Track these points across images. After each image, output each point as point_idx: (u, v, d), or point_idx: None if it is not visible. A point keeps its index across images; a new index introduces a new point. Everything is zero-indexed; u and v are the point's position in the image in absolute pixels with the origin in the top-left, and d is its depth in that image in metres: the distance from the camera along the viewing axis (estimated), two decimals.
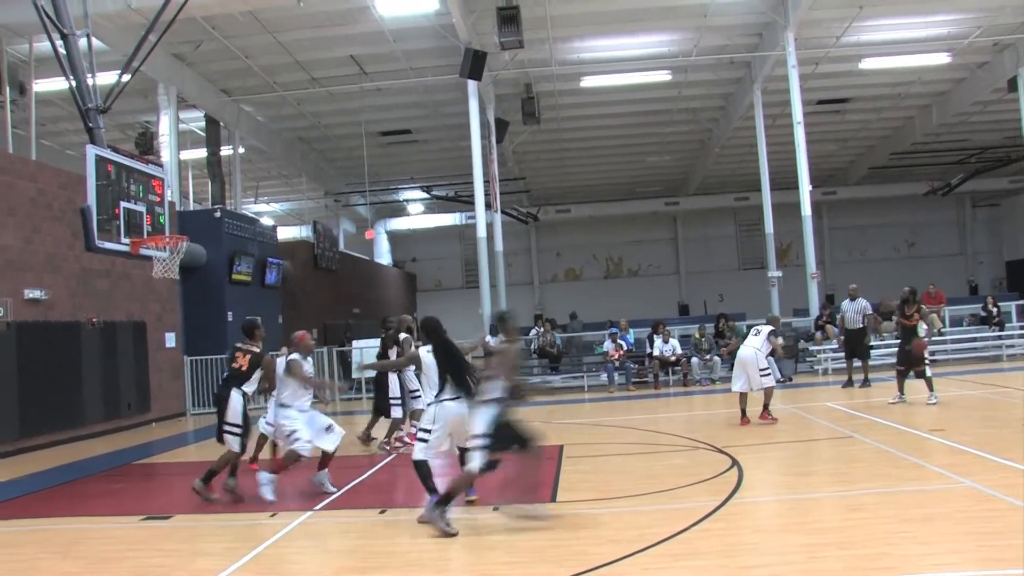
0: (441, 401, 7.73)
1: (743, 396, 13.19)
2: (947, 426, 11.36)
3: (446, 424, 7.69)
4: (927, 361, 14.29)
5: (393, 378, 12.33)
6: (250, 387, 9.20)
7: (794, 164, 22.29)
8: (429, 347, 8.16)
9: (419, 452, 7.77)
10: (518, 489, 7.37)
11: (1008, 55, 25.03)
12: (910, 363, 14.19)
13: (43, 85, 20.37)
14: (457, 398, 7.66)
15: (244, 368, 9.16)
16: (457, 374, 7.75)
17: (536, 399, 19.17)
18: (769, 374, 13.43)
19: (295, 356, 9.37)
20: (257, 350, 9.24)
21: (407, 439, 11.96)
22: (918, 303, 14.85)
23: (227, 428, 9.04)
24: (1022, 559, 5.60)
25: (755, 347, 13.31)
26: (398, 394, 12.33)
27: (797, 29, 21.36)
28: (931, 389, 13.91)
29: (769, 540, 6.52)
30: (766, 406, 13.13)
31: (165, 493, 10.96)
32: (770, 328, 13.63)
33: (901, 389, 14.28)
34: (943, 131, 32.45)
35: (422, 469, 7.74)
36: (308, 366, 9.54)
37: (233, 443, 9.04)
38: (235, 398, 9.02)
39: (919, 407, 13.77)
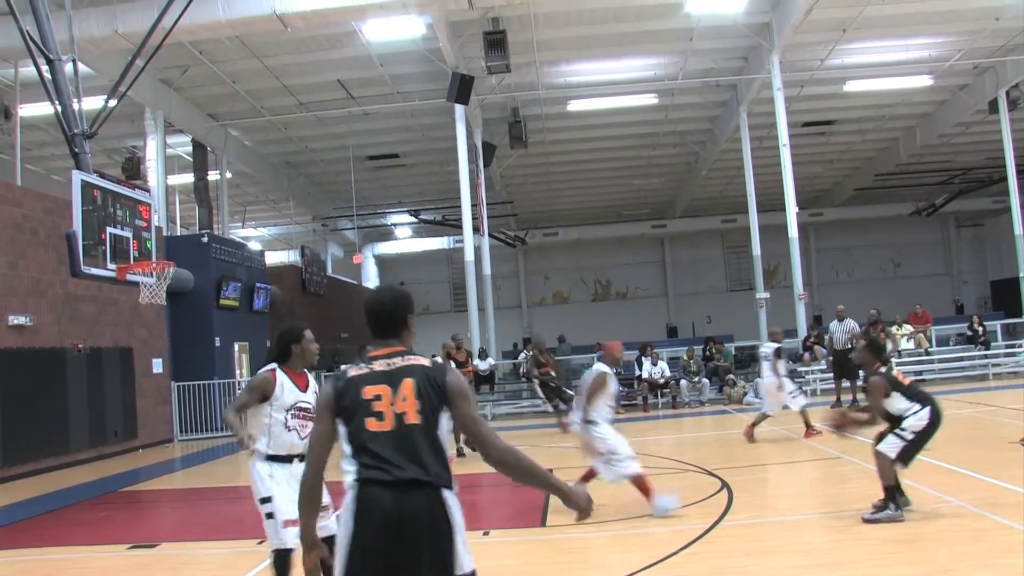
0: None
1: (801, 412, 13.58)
2: (934, 445, 11.33)
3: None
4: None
5: None
6: None
7: (780, 186, 22.40)
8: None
9: None
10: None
11: (988, 77, 25.32)
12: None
13: (28, 110, 20.35)
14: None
15: None
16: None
17: (527, 422, 19.08)
18: (797, 395, 13.78)
19: (602, 368, 8.65)
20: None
21: None
22: (882, 323, 15.21)
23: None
24: None
25: (767, 373, 13.87)
26: None
27: (782, 52, 21.52)
28: None
29: (759, 563, 6.49)
30: (807, 424, 13.42)
31: (151, 521, 10.86)
32: (774, 347, 13.93)
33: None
34: (927, 152, 32.70)
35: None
36: (614, 382, 8.60)
37: None
38: None
39: None
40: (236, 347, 23.25)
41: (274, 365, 5.45)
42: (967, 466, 9.40)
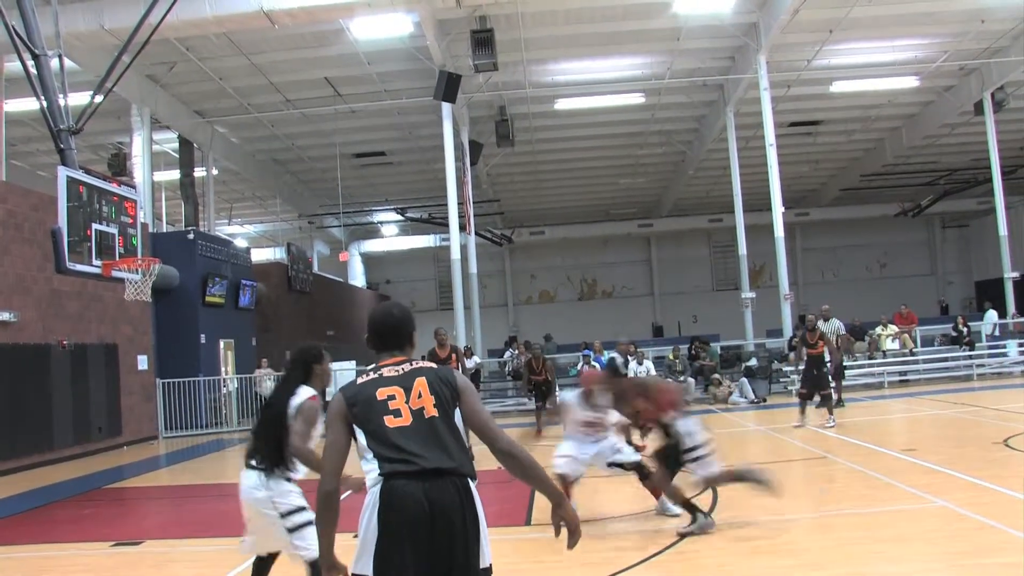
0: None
1: None
2: (919, 445, 11.44)
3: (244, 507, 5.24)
4: (831, 386, 14.77)
5: None
6: None
7: (767, 186, 22.48)
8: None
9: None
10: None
11: (974, 79, 25.48)
12: (813, 388, 14.47)
13: (13, 105, 20.20)
14: (258, 467, 5.11)
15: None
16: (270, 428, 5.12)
17: (512, 420, 19.09)
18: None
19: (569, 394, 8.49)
20: None
21: None
22: (820, 330, 15.03)
23: None
24: None
25: None
26: None
27: (769, 52, 21.60)
28: (831, 414, 14.26)
29: (743, 562, 6.50)
30: None
31: (136, 518, 10.81)
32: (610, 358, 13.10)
33: (803, 413, 14.48)
34: (912, 153, 32.88)
35: None
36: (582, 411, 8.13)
37: None
38: None
39: (893, 427, 13.86)
40: (221, 344, 23.18)
41: (312, 390, 5.14)
42: (950, 466, 9.45)
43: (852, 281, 42.76)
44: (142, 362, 19.66)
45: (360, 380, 3.32)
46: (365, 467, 3.14)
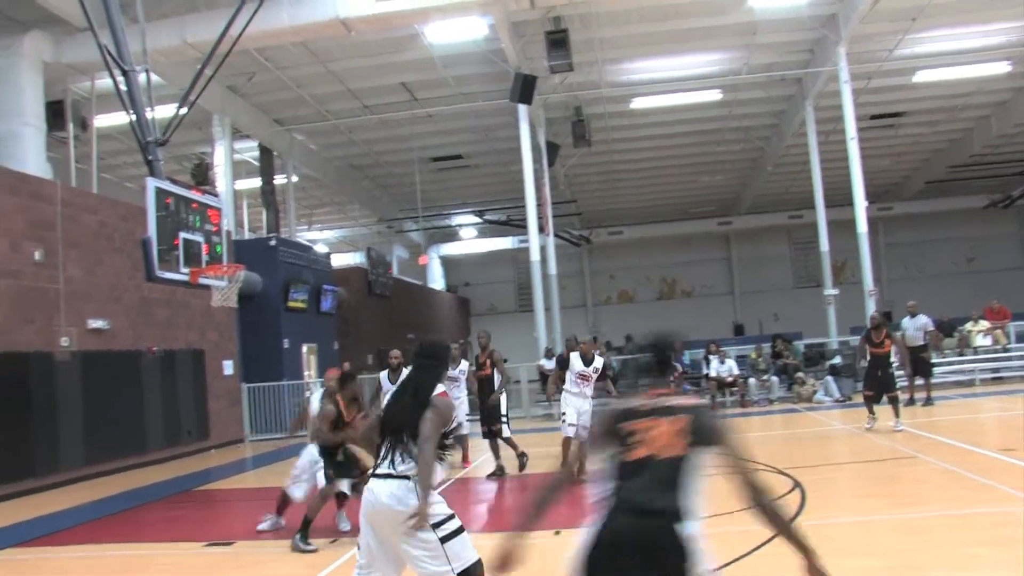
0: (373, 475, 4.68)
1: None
2: (1018, 445, 11.04)
3: (366, 519, 4.60)
4: (898, 387, 14.22)
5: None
6: None
7: (848, 180, 21.96)
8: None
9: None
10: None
11: None
12: (880, 388, 13.86)
13: (103, 120, 20.91)
14: (391, 475, 4.53)
15: None
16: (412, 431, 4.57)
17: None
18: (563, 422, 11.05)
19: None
20: None
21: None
22: (888, 327, 14.42)
23: None
24: None
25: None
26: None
27: (849, 44, 21.10)
28: (897, 416, 13.63)
29: (833, 564, 6.29)
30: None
31: (226, 520, 11.06)
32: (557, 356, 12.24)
33: (872, 413, 13.95)
34: (1003, 142, 31.77)
35: None
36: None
37: None
38: None
39: (987, 426, 13.41)
40: (304, 348, 23.59)
41: (442, 386, 4.87)
42: None
43: (938, 276, 41.49)
44: (228, 367, 20.13)
45: (617, 404, 3.39)
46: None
